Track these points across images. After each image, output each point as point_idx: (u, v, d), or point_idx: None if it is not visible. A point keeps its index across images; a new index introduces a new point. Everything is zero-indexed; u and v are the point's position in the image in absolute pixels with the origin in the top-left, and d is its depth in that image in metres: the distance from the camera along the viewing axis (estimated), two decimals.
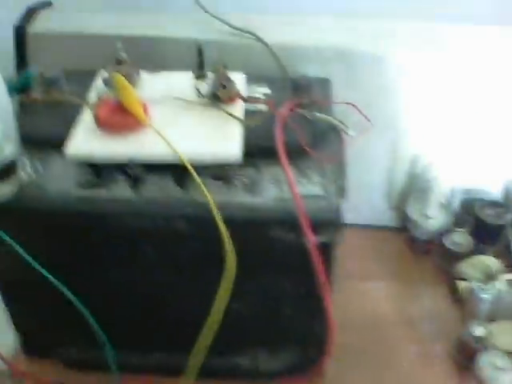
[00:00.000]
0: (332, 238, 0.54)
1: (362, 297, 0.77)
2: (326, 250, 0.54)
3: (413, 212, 0.80)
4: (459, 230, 0.80)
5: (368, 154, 0.78)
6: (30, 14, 0.82)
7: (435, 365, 0.69)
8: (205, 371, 0.58)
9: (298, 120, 0.59)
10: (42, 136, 0.59)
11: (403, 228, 0.83)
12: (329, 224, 0.53)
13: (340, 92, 0.70)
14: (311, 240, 0.52)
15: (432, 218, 0.79)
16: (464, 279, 0.75)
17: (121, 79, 0.56)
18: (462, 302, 0.74)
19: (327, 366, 0.64)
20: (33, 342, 0.68)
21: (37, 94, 0.64)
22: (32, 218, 0.55)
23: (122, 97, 0.56)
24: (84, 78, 0.65)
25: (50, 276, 0.54)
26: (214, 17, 0.79)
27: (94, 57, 0.80)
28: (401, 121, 0.79)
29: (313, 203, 0.54)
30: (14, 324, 0.65)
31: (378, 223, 0.85)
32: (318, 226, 0.53)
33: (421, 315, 0.75)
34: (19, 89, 0.64)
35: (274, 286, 0.59)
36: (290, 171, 0.54)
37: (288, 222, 0.53)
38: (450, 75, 0.77)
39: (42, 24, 0.81)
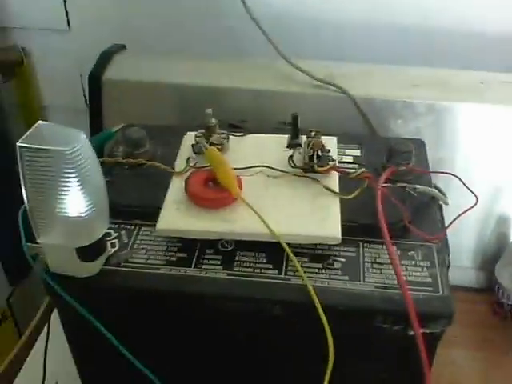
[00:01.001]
0: (439, 329, 0.50)
1: (447, 367, 0.72)
2: (432, 340, 0.50)
3: (502, 276, 0.76)
4: None
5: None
6: (105, 59, 0.81)
7: None
8: None
9: (397, 192, 0.56)
10: (129, 205, 0.57)
11: (489, 290, 0.79)
12: (438, 316, 0.49)
13: (430, 149, 0.66)
14: (419, 333, 0.48)
15: None
16: None
17: (215, 154, 0.53)
18: None
19: None
20: None
21: (120, 155, 0.61)
22: (117, 295, 0.53)
23: (216, 172, 0.53)
24: (168, 138, 0.63)
25: (130, 356, 0.51)
26: (295, 67, 0.76)
27: (170, 106, 0.79)
28: (494, 179, 0.74)
29: (420, 293, 0.50)
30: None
31: (462, 284, 0.80)
32: (426, 317, 0.49)
33: None
34: (97, 149, 0.62)
35: (370, 374, 0.55)
36: (395, 255, 0.51)
37: (393, 313, 0.49)
38: None
39: (118, 71, 0.80)
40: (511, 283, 0.74)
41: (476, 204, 0.57)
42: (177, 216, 0.53)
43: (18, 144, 0.44)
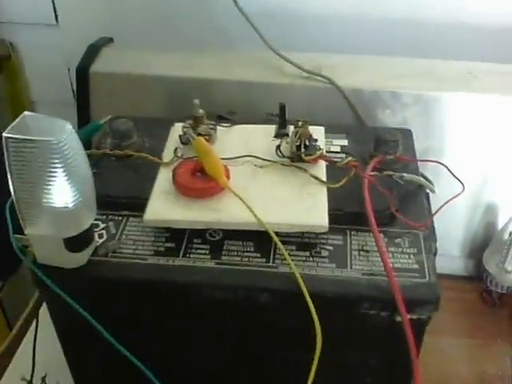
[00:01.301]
0: (426, 314, 0.50)
1: (435, 354, 0.73)
2: (419, 326, 0.50)
3: (490, 263, 0.76)
4: None
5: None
6: (93, 52, 0.80)
7: None
8: None
9: (384, 181, 0.56)
10: (116, 196, 0.57)
11: (477, 277, 0.79)
12: (424, 302, 0.49)
13: (417, 138, 0.66)
14: (406, 319, 0.49)
15: (511, 272, 0.74)
16: None
17: (203, 144, 0.53)
18: None
19: None
20: None
21: (107, 147, 0.61)
22: (105, 285, 0.53)
23: (203, 162, 0.53)
24: (155, 130, 0.63)
25: (120, 347, 0.51)
26: (283, 58, 0.76)
27: (160, 99, 0.79)
28: (481, 169, 0.74)
29: (406, 278, 0.50)
30: (76, 379, 0.63)
31: (451, 272, 0.81)
32: (412, 303, 0.49)
33: (495, 374, 0.71)
34: (85, 141, 0.62)
35: (358, 360, 0.55)
36: (382, 242, 0.51)
37: (380, 299, 0.49)
38: None
39: (106, 63, 0.80)
40: (499, 271, 0.75)
41: (463, 191, 0.58)
42: (164, 206, 0.53)
43: (3, 134, 0.44)
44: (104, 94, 0.79)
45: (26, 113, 0.46)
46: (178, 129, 0.61)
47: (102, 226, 0.54)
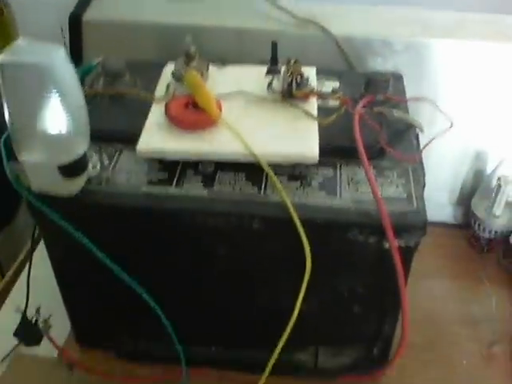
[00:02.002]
0: (414, 241, 0.52)
1: (424, 295, 0.74)
2: (406, 252, 0.52)
3: (478, 209, 0.77)
4: None
5: (434, 148, 0.75)
6: (85, 1, 0.80)
7: (495, 365, 0.67)
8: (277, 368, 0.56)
9: (374, 118, 0.57)
10: (110, 131, 0.57)
11: (466, 225, 0.81)
12: (412, 228, 0.51)
13: (408, 85, 0.67)
14: (393, 244, 0.50)
15: (499, 216, 0.76)
16: None
17: (194, 77, 0.54)
18: None
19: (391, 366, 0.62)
20: (87, 331, 0.67)
21: (100, 86, 0.62)
22: (99, 213, 0.53)
23: (195, 94, 0.54)
24: (148, 71, 0.63)
25: (118, 270, 0.53)
26: (276, 6, 0.76)
27: (152, 46, 0.79)
28: (470, 115, 0.75)
29: (395, 206, 0.51)
30: (70, 312, 0.64)
31: (440, 219, 0.82)
32: (400, 229, 0.50)
33: (482, 315, 0.72)
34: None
35: (346, 288, 0.57)
36: (371, 171, 0.52)
37: (369, 225, 0.51)
38: None
39: (98, 11, 0.79)
40: (487, 216, 0.76)
41: (451, 127, 0.59)
42: (157, 138, 0.54)
43: None
44: (97, 43, 0.79)
45: (20, 39, 0.47)
46: (170, 67, 0.61)
47: (96, 157, 0.55)
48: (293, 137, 0.54)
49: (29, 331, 0.63)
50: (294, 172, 0.54)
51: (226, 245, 0.54)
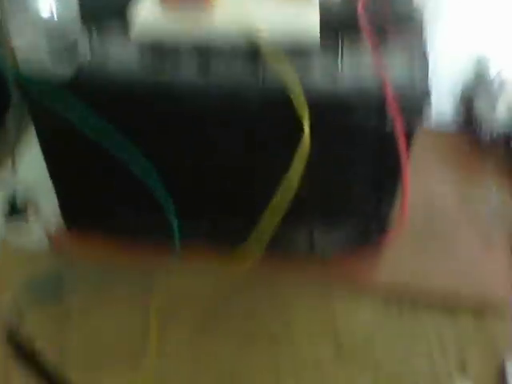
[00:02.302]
0: (416, 122, 0.50)
1: (425, 191, 0.74)
2: (409, 133, 0.51)
3: (480, 113, 0.76)
4: None
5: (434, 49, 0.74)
6: None
7: (495, 251, 0.67)
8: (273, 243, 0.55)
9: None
10: (100, 13, 0.54)
11: (468, 129, 0.79)
12: (415, 109, 0.50)
13: None
14: (398, 125, 0.49)
15: (500, 119, 0.74)
16: None
17: None
18: None
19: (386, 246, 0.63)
20: (76, 213, 0.66)
21: None
22: (92, 96, 0.52)
23: None
24: None
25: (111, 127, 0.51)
26: None
27: None
28: (472, 18, 0.73)
29: (398, 87, 0.49)
30: (59, 192, 0.63)
31: (442, 124, 0.80)
32: (404, 110, 0.49)
33: (479, 194, 0.73)
34: None
35: (347, 171, 0.56)
36: (377, 52, 0.50)
37: (373, 106, 0.49)
38: None
39: None
40: (489, 117, 0.75)
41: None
42: (151, 21, 0.52)
43: None
44: None
45: None
46: None
47: (87, 40, 0.52)
48: (293, 16, 0.52)
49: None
50: (294, 51, 0.51)
51: (223, 124, 0.53)
